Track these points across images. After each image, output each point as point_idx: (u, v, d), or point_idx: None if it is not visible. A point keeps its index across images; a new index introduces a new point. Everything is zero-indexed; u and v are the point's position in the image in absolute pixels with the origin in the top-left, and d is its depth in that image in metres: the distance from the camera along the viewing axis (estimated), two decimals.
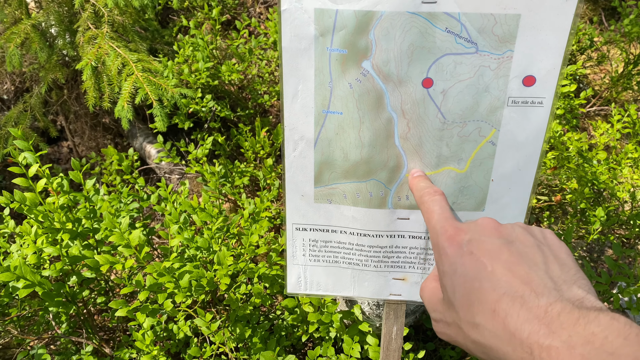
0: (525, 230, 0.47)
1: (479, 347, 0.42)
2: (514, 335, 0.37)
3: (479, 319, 0.40)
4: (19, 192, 1.11)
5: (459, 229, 0.49)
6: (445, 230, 0.50)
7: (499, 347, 0.38)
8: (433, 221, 0.55)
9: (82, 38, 1.86)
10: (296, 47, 0.69)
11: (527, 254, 0.43)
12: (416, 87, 0.68)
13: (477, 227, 0.48)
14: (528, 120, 0.69)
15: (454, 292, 0.44)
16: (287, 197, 0.82)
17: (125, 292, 1.06)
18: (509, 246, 0.44)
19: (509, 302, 0.39)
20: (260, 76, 2.21)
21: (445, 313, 0.47)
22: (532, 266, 0.41)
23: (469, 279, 0.43)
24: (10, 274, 1.03)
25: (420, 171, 0.73)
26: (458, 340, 0.45)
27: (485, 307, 0.40)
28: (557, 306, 0.36)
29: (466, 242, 0.46)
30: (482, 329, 0.40)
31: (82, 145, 2.56)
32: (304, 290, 0.90)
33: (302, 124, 0.75)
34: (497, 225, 0.48)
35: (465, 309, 0.42)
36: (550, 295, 0.38)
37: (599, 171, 1.57)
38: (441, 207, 0.57)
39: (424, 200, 0.61)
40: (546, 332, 0.35)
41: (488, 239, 0.46)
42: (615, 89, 2.32)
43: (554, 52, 0.65)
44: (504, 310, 0.38)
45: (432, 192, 0.62)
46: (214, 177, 1.66)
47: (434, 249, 0.51)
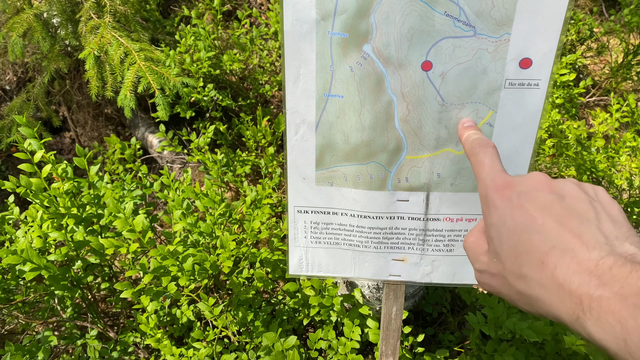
0: (577, 186, 0.46)
1: (524, 297, 0.42)
2: (563, 286, 0.37)
3: (526, 270, 0.41)
4: (24, 177, 1.13)
5: (509, 182, 0.49)
6: (495, 183, 0.50)
7: (546, 298, 0.39)
8: (483, 173, 0.53)
9: (84, 28, 1.87)
10: (298, 31, 0.71)
11: (578, 209, 0.42)
12: (416, 70, 0.70)
13: (529, 181, 0.47)
14: (524, 102, 0.71)
15: (501, 244, 0.45)
16: (288, 180, 0.84)
17: (130, 275, 1.08)
18: (561, 201, 0.44)
19: (558, 255, 0.39)
20: (262, 66, 2.23)
21: (489, 264, 0.47)
22: (584, 221, 0.41)
23: (518, 231, 0.43)
24: (17, 257, 1.04)
25: (470, 120, 0.71)
26: (502, 291, 0.46)
27: (534, 258, 0.40)
28: (609, 260, 0.36)
29: (516, 194, 0.46)
30: (528, 280, 0.41)
31: (85, 135, 2.57)
32: (305, 272, 0.92)
33: (303, 107, 0.76)
34: (549, 180, 0.47)
35: (512, 261, 0.43)
36: (602, 249, 0.37)
37: (598, 159, 1.59)
38: (492, 159, 0.56)
39: (475, 151, 0.59)
40: (597, 283, 0.35)
41: (539, 193, 0.45)
42: (614, 79, 2.33)
43: (550, 35, 0.67)
44: (553, 262, 0.39)
45: (485, 144, 0.59)
46: (216, 165, 1.68)
47: (482, 201, 0.50)
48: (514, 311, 1.23)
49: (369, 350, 1.53)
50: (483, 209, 0.50)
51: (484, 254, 0.49)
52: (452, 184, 0.79)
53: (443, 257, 0.85)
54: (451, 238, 0.84)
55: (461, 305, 1.65)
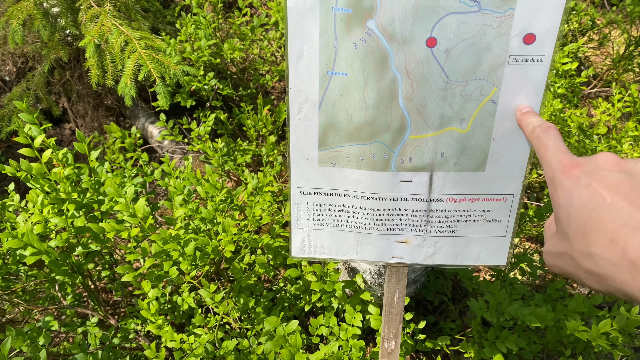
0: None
1: (592, 276, 0.42)
2: (634, 262, 0.37)
3: (595, 248, 0.41)
4: (25, 162, 1.13)
5: (576, 162, 0.49)
6: (562, 164, 0.50)
7: (617, 275, 0.39)
8: (548, 155, 0.54)
9: (84, 16, 1.86)
10: (301, 7, 0.70)
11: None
12: (420, 47, 0.69)
13: (597, 161, 0.48)
14: (528, 78, 0.70)
15: (569, 224, 0.45)
16: (291, 161, 0.83)
17: (132, 259, 1.07)
18: (631, 180, 0.44)
19: (629, 232, 0.39)
20: (262, 57, 2.22)
21: (557, 245, 0.48)
22: None
23: (586, 210, 0.43)
24: (18, 241, 1.04)
25: (528, 106, 0.71)
26: (569, 271, 0.46)
27: (603, 236, 0.40)
28: None
29: (584, 174, 0.46)
30: (597, 258, 0.41)
31: (85, 126, 2.57)
32: (308, 254, 0.92)
33: (306, 85, 0.76)
34: (618, 159, 0.47)
35: (580, 239, 0.43)
36: None
37: (600, 148, 1.59)
38: (555, 141, 0.56)
39: (537, 135, 0.60)
40: None
41: (608, 172, 0.45)
42: (616, 70, 2.33)
43: (553, 9, 0.66)
44: (623, 239, 0.39)
45: (546, 127, 0.60)
46: (217, 154, 1.67)
47: (549, 183, 0.51)
48: (515, 298, 1.22)
49: (371, 337, 1.53)
50: (550, 191, 0.50)
51: (553, 235, 0.49)
52: (455, 164, 0.78)
53: (446, 238, 0.85)
54: (454, 219, 0.83)
55: (462, 294, 1.65)
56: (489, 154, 0.77)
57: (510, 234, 0.84)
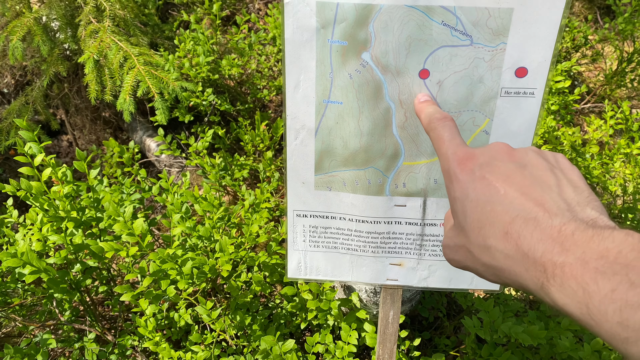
0: (537, 154, 0.46)
1: (489, 269, 0.42)
2: (527, 255, 0.37)
3: (491, 241, 0.41)
4: (25, 181, 1.14)
5: (470, 154, 0.48)
6: (456, 156, 0.49)
7: (512, 267, 0.39)
8: (443, 148, 0.53)
9: (83, 32, 1.88)
10: (298, 39, 0.72)
11: (540, 177, 0.43)
12: (413, 78, 0.71)
13: (490, 152, 0.47)
14: (520, 110, 0.72)
15: (465, 217, 0.45)
16: (288, 184, 0.85)
17: (130, 278, 1.08)
18: (522, 170, 0.44)
19: (522, 224, 0.39)
20: (260, 71, 2.24)
21: (454, 238, 0.47)
22: (546, 189, 0.41)
23: (481, 202, 0.43)
24: (17, 260, 1.05)
25: (426, 95, 0.71)
26: (467, 264, 0.46)
27: (498, 229, 0.40)
28: (571, 226, 0.36)
29: (478, 166, 0.46)
30: (493, 251, 0.41)
31: (82, 138, 2.58)
32: (303, 275, 0.93)
33: (303, 113, 0.78)
34: (509, 149, 0.48)
35: (476, 233, 0.43)
36: (564, 216, 0.38)
37: (592, 165, 1.61)
38: (451, 132, 0.55)
39: (433, 126, 0.58)
40: (560, 250, 0.35)
41: (501, 163, 0.45)
42: (609, 86, 2.36)
43: (545, 44, 0.68)
44: (516, 231, 0.39)
45: (442, 118, 0.59)
46: (214, 169, 1.69)
47: (445, 175, 0.50)
48: (509, 315, 1.24)
49: (366, 354, 1.54)
50: (446, 183, 0.49)
51: (451, 229, 0.49)
52: None
53: (440, 262, 0.87)
54: None
55: (457, 309, 1.66)
56: None
57: None
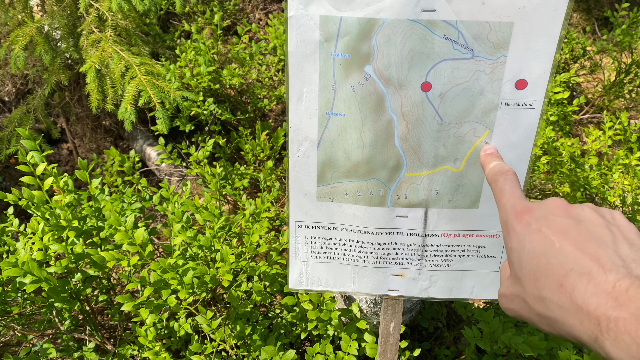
0: (594, 211, 0.47)
1: (544, 319, 0.43)
2: (581, 308, 0.38)
3: (546, 292, 0.42)
4: (27, 190, 1.14)
5: (528, 207, 0.50)
6: (515, 209, 0.51)
7: (566, 319, 0.40)
8: (504, 200, 0.55)
9: (85, 41, 1.89)
10: (302, 52, 0.73)
11: (595, 233, 0.44)
12: (415, 91, 0.72)
13: (547, 206, 0.49)
14: (520, 122, 0.73)
15: (521, 268, 0.46)
16: (290, 195, 0.85)
17: (131, 288, 1.08)
18: (578, 225, 0.45)
19: (576, 277, 0.40)
20: (260, 81, 2.25)
21: (510, 288, 0.49)
22: (601, 244, 0.42)
23: (537, 255, 0.44)
24: (18, 269, 1.05)
25: (492, 147, 0.74)
26: (522, 314, 0.47)
27: (553, 281, 0.42)
28: (626, 282, 0.37)
29: (535, 220, 0.47)
30: (548, 302, 0.42)
31: (83, 147, 2.58)
32: (305, 286, 0.93)
33: (306, 125, 0.78)
34: (566, 205, 0.49)
35: (532, 284, 0.44)
36: (619, 272, 0.38)
37: (591, 176, 1.62)
38: (512, 186, 0.58)
39: (496, 179, 0.62)
40: (614, 304, 0.36)
41: (557, 217, 0.47)
42: (607, 97, 2.38)
43: (544, 57, 0.69)
44: (571, 284, 0.40)
45: (505, 172, 0.62)
46: (215, 178, 1.69)
47: (503, 227, 0.52)
48: (509, 326, 1.24)
49: None
50: (504, 234, 0.52)
51: (507, 279, 0.50)
52: (450, 201, 0.81)
53: (441, 272, 0.87)
54: (449, 254, 0.85)
55: (457, 320, 1.66)
56: (482, 192, 0.79)
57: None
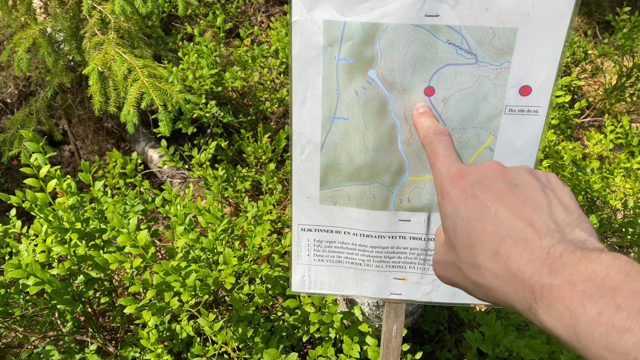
0: (529, 174, 0.46)
1: (478, 287, 0.42)
2: (516, 276, 0.37)
3: (481, 260, 0.41)
4: (30, 192, 1.15)
5: (463, 171, 0.48)
6: (449, 173, 0.49)
7: (500, 287, 0.39)
8: (438, 163, 0.53)
9: (88, 44, 1.89)
10: (306, 56, 0.73)
11: (531, 197, 0.43)
12: (419, 95, 0.72)
13: (482, 170, 0.47)
14: (524, 128, 0.73)
15: (456, 234, 0.44)
16: (293, 198, 0.86)
17: (133, 290, 1.09)
18: (514, 189, 0.44)
19: (511, 244, 0.39)
20: (262, 83, 2.26)
21: (445, 255, 0.47)
22: (536, 209, 0.41)
23: (472, 221, 0.43)
24: (22, 271, 1.06)
25: (425, 105, 0.71)
26: (457, 282, 0.46)
27: (488, 248, 0.40)
28: (560, 247, 0.36)
29: (470, 184, 0.46)
30: (483, 270, 0.41)
31: (85, 149, 2.59)
32: (307, 289, 0.94)
33: (309, 128, 0.79)
34: (502, 168, 0.48)
35: (466, 251, 0.42)
36: (553, 237, 0.38)
37: (592, 180, 1.62)
38: (446, 148, 0.56)
39: (429, 140, 0.59)
40: (548, 271, 0.35)
41: (492, 181, 0.45)
42: (608, 100, 2.38)
43: (549, 63, 0.69)
44: (506, 251, 0.38)
45: (439, 132, 0.59)
46: (217, 181, 1.70)
47: (437, 191, 0.50)
48: (511, 329, 1.24)
49: None
50: (438, 199, 0.50)
51: (442, 245, 0.48)
52: None
53: None
54: None
55: (458, 323, 1.66)
56: None
57: None
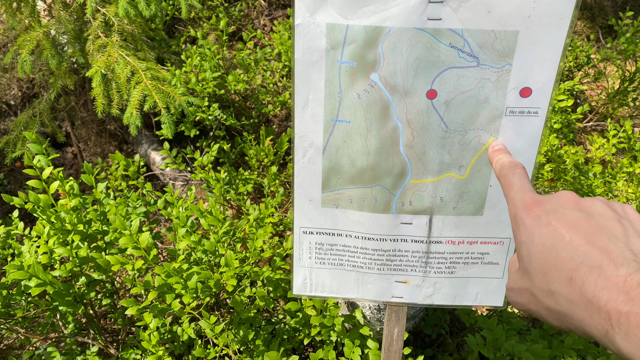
0: (605, 204, 0.47)
1: (552, 313, 0.43)
2: (591, 302, 0.38)
3: (555, 286, 0.42)
4: (33, 194, 1.15)
5: (537, 200, 0.50)
6: (524, 202, 0.51)
7: (575, 313, 0.40)
8: (512, 193, 0.55)
9: (92, 46, 1.90)
10: (308, 59, 0.73)
11: (606, 227, 0.43)
12: (421, 98, 0.73)
13: (557, 200, 0.48)
14: (524, 129, 0.73)
15: (530, 261, 0.45)
16: (295, 201, 0.86)
17: (135, 292, 1.09)
18: (589, 218, 0.44)
19: (586, 271, 0.39)
20: (264, 86, 2.26)
21: (519, 281, 0.48)
22: (612, 238, 0.41)
23: (546, 248, 0.44)
24: (24, 272, 1.06)
25: (500, 143, 0.74)
26: (530, 308, 0.47)
27: (562, 274, 0.41)
28: (637, 276, 0.36)
29: (544, 213, 0.47)
30: (557, 296, 0.41)
31: (87, 151, 2.60)
32: (309, 292, 0.94)
33: (311, 131, 0.79)
34: (577, 198, 0.48)
35: (541, 277, 0.44)
36: (630, 266, 0.38)
37: (595, 184, 1.62)
38: (521, 179, 0.58)
39: (504, 173, 0.62)
40: (625, 299, 0.35)
41: (567, 210, 0.46)
42: (611, 105, 2.38)
43: (549, 65, 0.70)
44: (580, 278, 0.39)
45: (513, 165, 0.62)
46: (219, 183, 1.70)
47: (512, 220, 0.52)
48: (512, 334, 1.24)
49: None
50: (513, 227, 0.51)
51: (516, 272, 0.50)
52: (454, 208, 0.81)
53: (445, 279, 0.87)
54: (453, 260, 0.85)
55: (460, 327, 1.66)
56: (486, 199, 0.79)
57: (507, 275, 0.86)
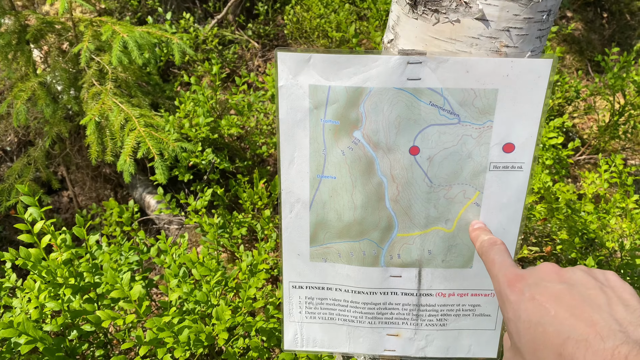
0: (586, 273, 0.47)
1: None
2: None
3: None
4: (24, 249, 1.15)
5: (519, 275, 0.50)
6: (506, 278, 0.51)
7: None
8: (495, 270, 0.56)
9: (86, 94, 1.93)
10: (292, 119, 0.75)
11: (589, 297, 0.43)
12: (404, 155, 0.73)
13: (538, 273, 0.49)
14: (509, 184, 0.74)
15: (520, 338, 0.45)
16: (284, 256, 0.86)
17: (126, 348, 1.07)
18: (571, 289, 0.45)
19: (574, 346, 0.39)
20: (259, 128, 2.28)
21: (512, 359, 0.48)
22: (596, 308, 0.42)
23: (533, 324, 0.44)
24: (13, 330, 1.05)
25: (480, 222, 0.75)
26: None
27: (551, 351, 0.41)
28: (624, 349, 0.37)
29: (527, 287, 0.47)
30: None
31: (83, 195, 2.60)
32: (300, 347, 0.92)
33: (298, 187, 0.79)
34: (557, 269, 0.49)
35: (532, 354, 0.44)
36: (616, 337, 0.38)
37: (589, 220, 1.62)
38: (502, 256, 0.59)
39: (485, 250, 0.63)
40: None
41: (549, 283, 0.46)
42: (602, 138, 2.40)
43: (530, 121, 0.71)
44: (569, 354, 0.39)
45: (492, 243, 0.64)
46: (213, 228, 1.70)
47: (498, 297, 0.52)
48: None
49: None
50: (500, 305, 0.51)
51: (509, 350, 0.50)
52: (443, 260, 0.81)
53: (437, 331, 0.86)
54: (444, 313, 0.85)
55: None
56: (475, 252, 0.79)
57: (499, 327, 0.86)
